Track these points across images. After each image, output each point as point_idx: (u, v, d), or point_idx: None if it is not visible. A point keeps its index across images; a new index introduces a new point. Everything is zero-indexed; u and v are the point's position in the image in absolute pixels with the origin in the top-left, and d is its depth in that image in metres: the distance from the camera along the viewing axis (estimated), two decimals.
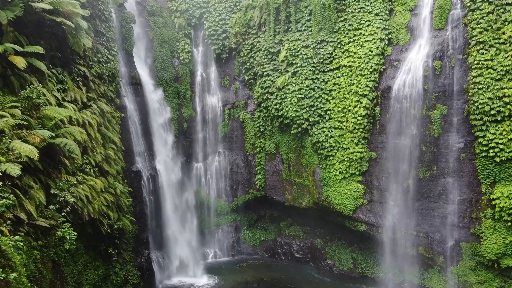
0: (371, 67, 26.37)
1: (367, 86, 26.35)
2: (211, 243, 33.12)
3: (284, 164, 31.19)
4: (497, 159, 22.39)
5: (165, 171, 29.43)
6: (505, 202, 22.14)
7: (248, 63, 31.85)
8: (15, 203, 14.20)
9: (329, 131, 27.92)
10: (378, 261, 28.09)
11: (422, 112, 24.90)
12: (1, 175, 13.84)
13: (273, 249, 32.84)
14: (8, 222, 13.67)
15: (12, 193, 14.39)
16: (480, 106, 22.65)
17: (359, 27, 27.25)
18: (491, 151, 22.53)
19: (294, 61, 29.08)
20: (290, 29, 29.83)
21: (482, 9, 22.75)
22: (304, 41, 28.92)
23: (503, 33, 22.32)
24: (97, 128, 22.07)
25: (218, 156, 33.79)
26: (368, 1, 27.09)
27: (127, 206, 24.43)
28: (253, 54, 31.35)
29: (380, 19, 26.66)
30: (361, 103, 26.43)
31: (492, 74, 22.44)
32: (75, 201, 18.11)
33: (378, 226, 26.74)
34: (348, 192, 27.17)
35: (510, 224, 22.17)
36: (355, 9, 27.48)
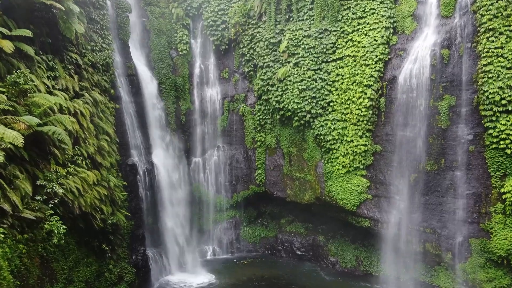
0: (376, 57, 25.39)
1: (372, 76, 25.36)
2: (210, 240, 32.14)
3: (285, 159, 30.22)
4: (508, 151, 21.47)
5: (162, 166, 28.43)
6: None
7: (248, 54, 30.87)
8: None
9: (332, 124, 26.94)
10: (383, 259, 27.08)
11: (429, 103, 23.93)
12: None
13: (274, 246, 31.85)
14: None
15: None
16: (490, 96, 21.72)
17: (363, 16, 26.27)
18: (502, 143, 21.62)
19: (296, 52, 28.10)
20: (292, 19, 28.84)
21: None
22: (306, 31, 27.93)
23: None
24: (90, 119, 21.09)
25: (217, 151, 32.80)
26: None
27: (122, 201, 23.44)
28: (253, 45, 30.37)
29: (385, 7, 25.68)
30: (366, 94, 25.45)
31: (503, 63, 21.54)
32: (65, 193, 17.16)
33: (383, 222, 25.76)
34: (352, 187, 26.20)
35: None
36: None
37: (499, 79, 21.56)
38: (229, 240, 32.16)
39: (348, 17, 26.83)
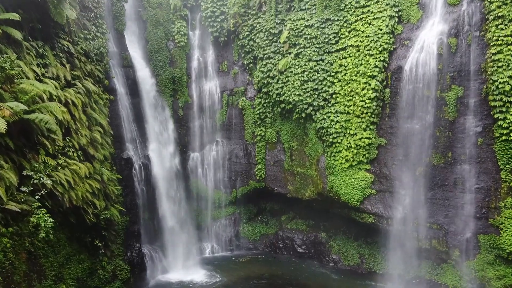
0: (380, 46, 24.46)
1: (376, 67, 24.44)
2: (208, 237, 31.23)
3: (286, 153, 29.32)
4: None
5: (159, 160, 27.50)
6: None
7: (248, 46, 29.95)
8: None
9: (335, 116, 26.01)
10: (387, 256, 26.15)
11: (436, 94, 23.02)
12: None
13: (274, 244, 30.93)
14: None
15: None
16: (500, 86, 20.78)
17: (367, 4, 25.32)
18: None
19: (297, 42, 27.19)
20: (293, 8, 27.91)
21: None
22: (308, 20, 27.00)
23: None
24: (82, 109, 20.20)
25: (216, 146, 31.89)
26: None
27: (116, 195, 22.55)
28: (253, 36, 29.45)
29: None
30: (370, 85, 24.52)
31: None
32: (55, 186, 16.27)
33: (388, 218, 24.83)
34: (355, 182, 25.27)
35: None
36: None
37: (509, 68, 20.63)
38: (228, 237, 31.24)
39: (351, 6, 25.91)
